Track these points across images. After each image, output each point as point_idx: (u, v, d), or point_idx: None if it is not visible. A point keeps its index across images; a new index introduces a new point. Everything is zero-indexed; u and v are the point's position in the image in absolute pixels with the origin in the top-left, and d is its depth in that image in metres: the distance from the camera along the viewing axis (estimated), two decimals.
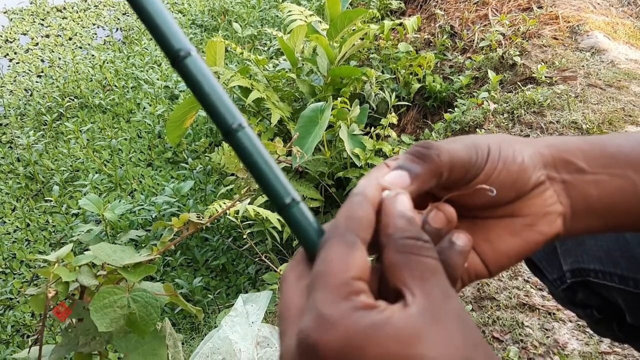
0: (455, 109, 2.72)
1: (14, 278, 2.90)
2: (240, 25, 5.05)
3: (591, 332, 1.44)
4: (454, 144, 0.43)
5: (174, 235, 1.25)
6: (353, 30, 3.12)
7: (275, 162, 0.37)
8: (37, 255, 3.01)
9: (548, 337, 1.45)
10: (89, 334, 1.13)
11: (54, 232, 3.21)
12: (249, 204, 2.03)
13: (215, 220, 2.88)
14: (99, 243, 1.15)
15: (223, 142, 2.92)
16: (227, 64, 4.20)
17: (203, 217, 1.27)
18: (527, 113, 2.47)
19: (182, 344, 1.73)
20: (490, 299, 1.58)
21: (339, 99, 2.56)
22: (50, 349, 1.13)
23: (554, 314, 1.51)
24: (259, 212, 2.10)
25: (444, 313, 0.31)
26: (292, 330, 0.34)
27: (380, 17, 4.13)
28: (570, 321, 1.49)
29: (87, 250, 1.14)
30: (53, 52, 5.09)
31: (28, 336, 2.62)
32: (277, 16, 5.38)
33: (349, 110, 2.53)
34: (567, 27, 3.23)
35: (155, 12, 0.36)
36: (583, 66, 2.82)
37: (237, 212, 1.89)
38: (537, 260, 0.78)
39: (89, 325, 1.13)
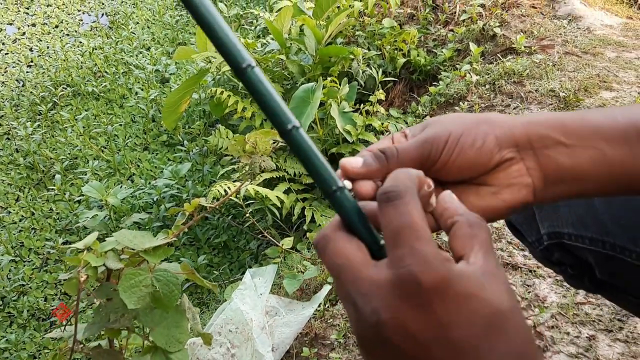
0: (440, 82, 2.83)
1: (24, 265, 3.01)
2: (226, 5, 5.09)
3: (568, 285, 1.58)
4: (411, 142, 0.52)
5: (187, 218, 1.37)
6: (338, 8, 3.20)
7: (322, 154, 0.45)
8: (45, 242, 3.12)
9: (530, 292, 1.59)
10: (118, 311, 1.25)
11: (58, 219, 3.32)
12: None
13: (215, 200, 3.00)
14: (121, 230, 1.27)
15: (220, 125, 3.03)
16: None
17: (207, 200, 1.39)
18: (508, 83, 2.58)
19: None
20: None
21: (329, 78, 2.67)
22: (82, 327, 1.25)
23: (534, 271, 1.66)
24: (258, 191, 2.22)
25: (498, 273, 0.41)
26: (370, 274, 0.41)
27: None
28: (549, 277, 1.63)
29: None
30: (41, 41, 5.12)
31: (43, 320, 2.74)
32: None
33: (339, 89, 2.63)
34: None
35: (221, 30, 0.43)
36: (560, 34, 2.93)
37: (238, 192, 2.01)
38: (518, 225, 0.87)
39: (118, 304, 1.25)
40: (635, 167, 0.52)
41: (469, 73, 2.73)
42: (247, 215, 1.96)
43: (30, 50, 4.99)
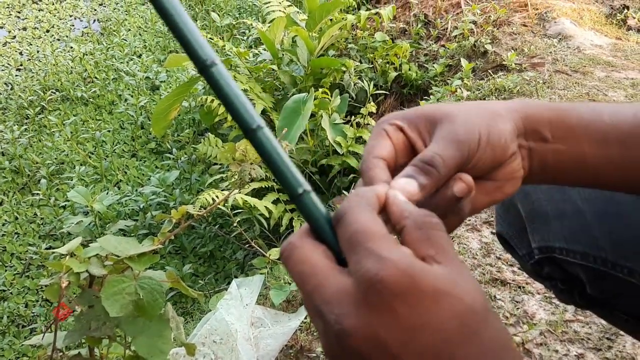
0: (431, 96, 2.84)
1: (6, 270, 2.96)
2: (218, 15, 5.09)
3: (557, 303, 1.58)
4: (451, 147, 0.49)
5: (173, 225, 1.34)
6: (330, 20, 3.21)
7: (289, 158, 0.43)
8: (27, 248, 3.07)
9: (518, 308, 1.58)
10: (100, 319, 1.23)
11: (42, 224, 3.27)
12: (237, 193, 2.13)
13: (202, 209, 2.97)
14: (106, 236, 1.24)
15: (209, 133, 3.01)
16: None
17: (195, 207, 1.37)
18: (498, 100, 2.59)
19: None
20: None
21: (320, 89, 2.66)
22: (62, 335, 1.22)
23: (523, 287, 1.65)
24: (247, 201, 2.20)
25: (464, 270, 0.38)
26: (334, 280, 0.38)
27: (356, 5, 4.22)
28: (538, 293, 1.63)
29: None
30: (31, 45, 5.08)
31: (23, 326, 2.69)
32: (255, 5, 5.42)
33: (330, 101, 2.63)
34: (535, 14, 3.36)
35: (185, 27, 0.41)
36: (551, 52, 2.95)
37: (226, 201, 1.99)
38: (509, 238, 0.87)
39: (100, 311, 1.22)
40: (607, 169, 0.54)
41: (460, 88, 2.74)
42: (235, 224, 1.94)
43: (20, 54, 4.95)
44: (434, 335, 0.35)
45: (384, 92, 3.22)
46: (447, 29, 3.47)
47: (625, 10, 3.51)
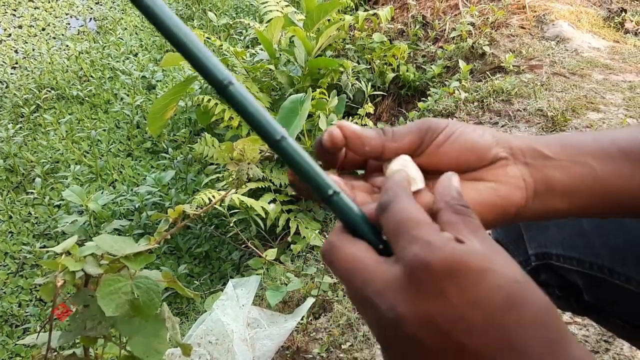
0: (429, 97, 2.83)
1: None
2: (215, 14, 5.08)
3: None
4: (412, 124, 0.52)
5: (169, 225, 1.33)
6: (328, 21, 3.20)
7: (316, 162, 0.45)
8: (21, 247, 3.05)
9: None
10: (95, 319, 1.21)
11: (37, 223, 3.25)
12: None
13: (199, 208, 2.95)
14: (102, 235, 1.23)
15: (205, 133, 2.99)
16: None
17: (191, 207, 1.36)
18: (496, 101, 2.59)
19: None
20: None
21: (318, 89, 2.65)
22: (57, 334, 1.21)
23: None
24: (243, 201, 2.18)
25: (498, 247, 0.40)
26: (382, 272, 0.40)
27: (354, 6, 4.22)
28: None
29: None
30: (27, 43, 5.06)
31: (17, 326, 2.67)
32: (252, 5, 5.41)
33: (328, 101, 2.62)
34: (533, 17, 3.36)
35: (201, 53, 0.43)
36: (548, 55, 2.95)
37: (222, 201, 1.98)
38: (505, 245, 0.85)
39: (95, 310, 1.21)
40: (622, 185, 0.52)
41: (458, 90, 2.73)
42: (231, 225, 1.93)
43: (16, 52, 4.93)
44: (483, 308, 0.37)
45: (381, 93, 3.21)
46: (445, 30, 3.47)
47: (623, 14, 3.52)
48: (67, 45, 4.98)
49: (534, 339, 0.36)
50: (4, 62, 4.76)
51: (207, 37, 3.20)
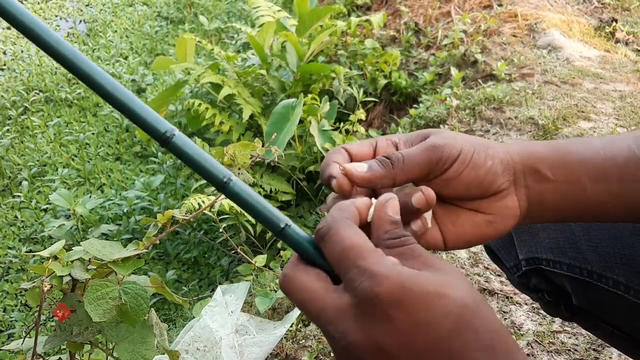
0: (420, 104, 2.83)
1: None
2: (207, 18, 5.06)
3: (544, 313, 1.56)
4: (418, 147, 0.52)
5: (158, 230, 1.31)
6: (321, 26, 3.20)
7: (263, 199, 0.47)
8: (7, 251, 3.00)
9: (506, 319, 1.57)
10: (82, 324, 1.19)
11: (23, 227, 3.20)
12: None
13: (188, 213, 2.93)
14: (90, 239, 1.21)
15: (196, 137, 2.98)
16: (195, 59, 4.23)
17: (181, 212, 1.34)
18: (488, 109, 2.60)
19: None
20: None
21: (309, 95, 2.64)
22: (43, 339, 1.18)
23: (511, 297, 1.64)
24: (233, 206, 2.16)
25: (452, 267, 0.41)
26: (331, 302, 0.41)
27: (346, 12, 4.22)
28: (526, 304, 1.61)
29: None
30: (15, 44, 5.01)
31: (1, 331, 2.63)
32: (244, 9, 5.40)
33: (319, 107, 2.61)
34: (525, 25, 3.37)
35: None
36: (540, 63, 2.97)
37: (212, 206, 1.96)
38: (497, 250, 0.87)
39: (82, 316, 1.19)
40: (609, 202, 0.55)
41: (450, 97, 2.74)
42: (221, 230, 1.91)
43: (4, 53, 4.88)
44: (429, 333, 0.37)
45: (373, 99, 3.21)
46: (437, 37, 3.47)
47: (614, 23, 3.54)
48: None
49: None
50: None
51: (198, 41, 3.18)
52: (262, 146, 1.33)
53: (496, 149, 0.54)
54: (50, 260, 1.19)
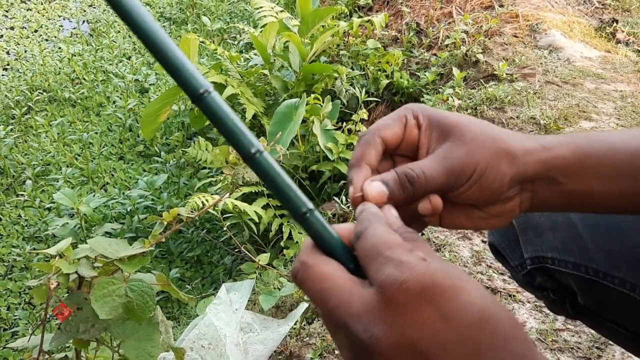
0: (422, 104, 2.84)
1: None
2: (209, 19, 5.07)
3: (547, 312, 1.57)
4: (437, 167, 0.51)
5: (164, 228, 1.32)
6: (323, 27, 3.21)
7: (290, 179, 0.44)
8: (11, 249, 3.01)
9: None
10: (89, 321, 1.20)
11: (27, 226, 3.22)
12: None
13: (193, 211, 2.94)
14: (96, 237, 1.22)
15: (199, 137, 2.99)
16: (198, 59, 4.24)
17: (186, 210, 1.35)
18: (489, 109, 2.61)
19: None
20: None
21: (312, 95, 2.66)
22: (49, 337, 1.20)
23: (514, 296, 1.65)
24: (236, 205, 2.18)
25: (458, 267, 0.42)
26: (357, 293, 0.40)
27: (348, 12, 4.23)
28: (529, 302, 1.62)
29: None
30: (19, 44, 5.03)
31: (5, 329, 2.64)
32: (246, 10, 5.41)
33: (322, 106, 2.62)
34: (526, 26, 3.38)
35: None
36: (541, 63, 2.98)
37: (216, 205, 1.97)
38: (501, 249, 0.87)
39: (88, 313, 1.20)
40: (618, 201, 0.55)
41: (452, 97, 2.75)
42: (225, 229, 1.92)
43: (8, 53, 4.90)
44: (458, 324, 0.37)
45: (375, 99, 3.22)
46: (438, 38, 3.49)
47: (615, 24, 3.55)
48: (60, 48, 4.95)
49: (506, 355, 0.37)
50: None
51: (201, 41, 3.19)
52: (267, 145, 1.34)
53: (512, 160, 0.53)
54: (57, 257, 1.20)
